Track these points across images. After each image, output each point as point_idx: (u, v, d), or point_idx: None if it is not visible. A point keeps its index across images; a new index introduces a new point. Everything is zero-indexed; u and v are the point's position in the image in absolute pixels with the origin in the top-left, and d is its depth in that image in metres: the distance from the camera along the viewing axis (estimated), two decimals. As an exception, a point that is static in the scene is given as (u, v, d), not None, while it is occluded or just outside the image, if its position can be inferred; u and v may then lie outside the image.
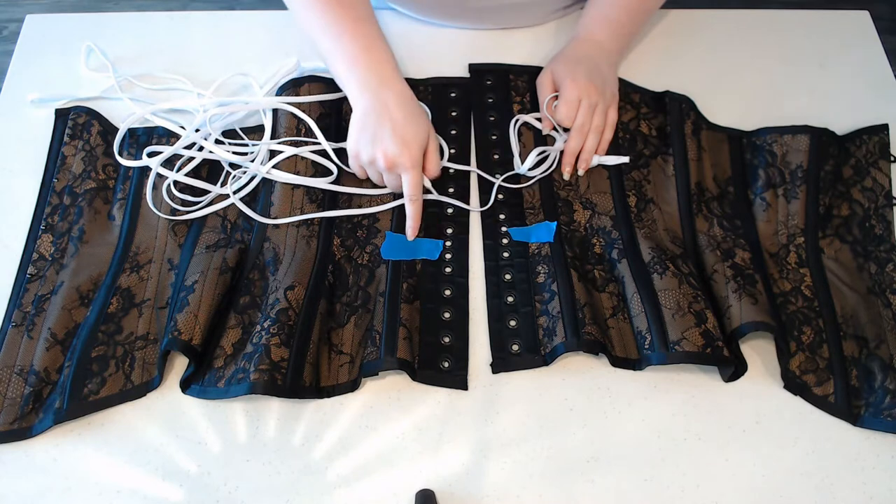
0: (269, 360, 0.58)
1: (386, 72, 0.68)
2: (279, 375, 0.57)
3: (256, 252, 0.66)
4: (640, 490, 0.56)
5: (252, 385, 0.57)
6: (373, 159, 0.66)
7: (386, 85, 0.67)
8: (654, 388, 0.61)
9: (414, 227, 0.66)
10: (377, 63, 0.68)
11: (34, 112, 0.75)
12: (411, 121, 0.66)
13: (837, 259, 0.67)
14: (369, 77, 0.67)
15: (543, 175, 0.71)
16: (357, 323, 0.62)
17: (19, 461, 0.57)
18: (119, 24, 0.82)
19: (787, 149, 0.71)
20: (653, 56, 0.81)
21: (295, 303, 0.61)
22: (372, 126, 0.65)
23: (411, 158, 0.65)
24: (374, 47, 0.68)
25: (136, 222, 0.68)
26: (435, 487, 0.56)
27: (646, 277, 0.63)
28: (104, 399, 0.58)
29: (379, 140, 0.65)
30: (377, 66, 0.68)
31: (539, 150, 0.71)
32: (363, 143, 0.66)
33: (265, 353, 0.58)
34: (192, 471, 0.57)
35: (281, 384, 0.57)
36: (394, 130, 0.65)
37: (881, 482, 0.57)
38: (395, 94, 0.67)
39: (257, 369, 0.57)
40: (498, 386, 0.61)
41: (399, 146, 0.64)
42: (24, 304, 0.62)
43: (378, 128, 0.65)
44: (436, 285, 0.65)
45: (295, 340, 0.59)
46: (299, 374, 0.58)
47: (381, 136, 0.65)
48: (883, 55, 0.81)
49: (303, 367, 0.59)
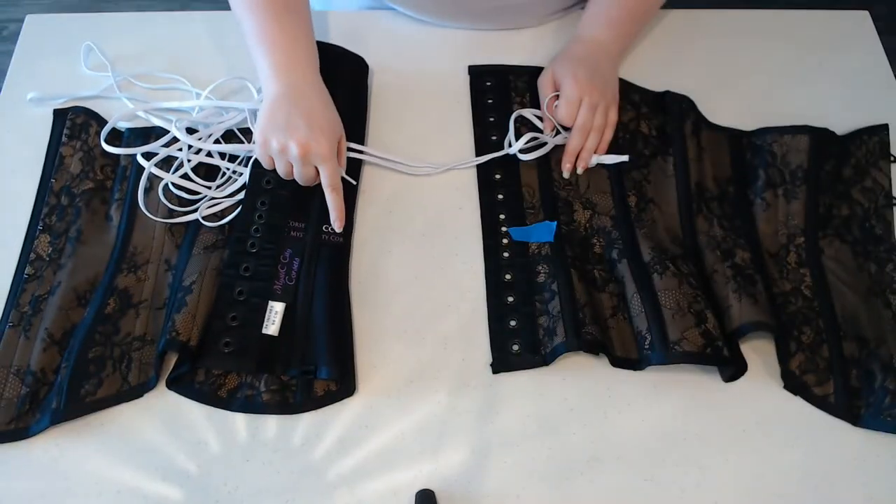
0: (280, 381, 0.60)
1: (303, 61, 0.66)
2: (290, 395, 0.59)
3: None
4: (640, 490, 0.56)
5: (265, 406, 0.59)
6: (284, 147, 0.61)
7: (301, 74, 0.65)
8: (654, 388, 0.61)
9: (341, 218, 0.64)
10: (296, 52, 0.66)
11: (34, 112, 0.75)
12: (326, 110, 0.64)
13: (837, 259, 0.67)
14: (286, 63, 0.65)
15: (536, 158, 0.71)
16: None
17: (19, 461, 0.56)
18: (119, 24, 0.82)
19: (787, 149, 0.71)
20: (653, 56, 0.81)
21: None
22: (285, 113, 0.62)
23: (327, 146, 0.61)
24: (298, 37, 0.66)
25: (133, 223, 0.67)
26: (435, 487, 0.56)
27: (646, 277, 0.63)
28: (101, 400, 0.58)
29: (292, 127, 0.61)
30: (296, 54, 0.66)
31: (531, 136, 0.71)
32: (273, 130, 0.62)
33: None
34: (192, 471, 0.56)
35: (293, 403, 0.59)
36: (309, 118, 0.62)
37: (881, 482, 0.57)
38: (311, 84, 0.65)
39: (269, 390, 0.59)
40: (498, 386, 0.61)
41: (314, 134, 0.61)
42: (22, 304, 0.62)
43: (291, 115, 0.62)
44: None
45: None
46: (310, 386, 0.60)
47: (295, 123, 0.61)
48: (883, 55, 0.81)
49: (312, 381, 0.60)
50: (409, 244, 0.68)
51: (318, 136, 0.61)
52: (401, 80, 0.78)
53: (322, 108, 0.64)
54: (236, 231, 0.65)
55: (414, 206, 0.70)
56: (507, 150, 0.71)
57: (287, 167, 0.64)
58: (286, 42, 0.66)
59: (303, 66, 0.66)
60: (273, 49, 0.65)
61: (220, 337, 0.60)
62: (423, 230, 0.69)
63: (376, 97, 0.77)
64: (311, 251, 0.64)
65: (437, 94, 0.77)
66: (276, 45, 0.65)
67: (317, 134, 0.61)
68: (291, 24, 0.66)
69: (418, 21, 0.83)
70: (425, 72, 0.79)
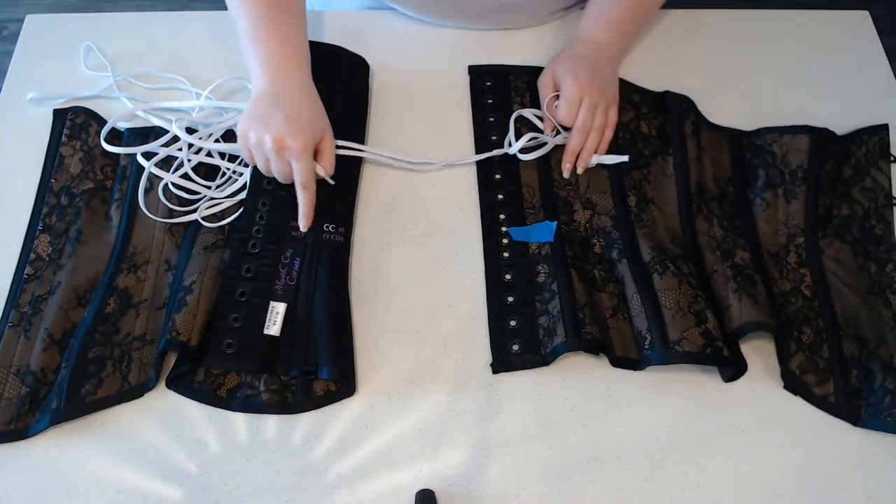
0: (280, 380, 0.60)
1: (293, 60, 0.66)
2: (290, 395, 0.59)
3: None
4: (640, 490, 0.56)
5: (264, 405, 0.59)
6: (260, 140, 0.62)
7: (289, 72, 0.66)
8: (654, 388, 0.61)
9: (307, 216, 0.64)
10: (286, 51, 0.66)
11: (34, 112, 0.75)
12: (308, 107, 0.65)
13: (837, 259, 0.67)
14: (275, 61, 0.66)
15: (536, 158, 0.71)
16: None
17: (19, 461, 0.56)
18: (118, 24, 0.82)
19: (787, 149, 0.71)
20: (653, 56, 0.81)
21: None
22: (265, 108, 0.63)
23: (303, 142, 0.62)
24: (290, 36, 0.67)
25: (133, 223, 0.67)
26: (435, 487, 0.56)
27: (646, 277, 0.63)
28: (101, 400, 0.58)
29: (271, 121, 0.62)
30: (285, 53, 0.66)
31: (531, 136, 0.71)
32: (252, 124, 0.63)
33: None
34: (191, 471, 0.56)
35: (292, 402, 0.59)
36: (288, 114, 0.63)
37: (881, 482, 0.57)
38: (297, 81, 0.66)
39: (268, 389, 0.59)
40: (498, 386, 0.61)
41: (290, 128, 0.62)
42: (22, 304, 0.62)
43: (272, 110, 0.63)
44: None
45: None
46: (309, 386, 0.60)
47: (274, 117, 0.62)
48: (883, 55, 0.82)
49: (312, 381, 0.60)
50: (409, 244, 0.68)
51: (294, 131, 0.62)
52: (401, 80, 0.78)
53: (305, 105, 0.65)
54: (237, 232, 0.65)
55: (414, 206, 0.70)
56: (507, 149, 0.71)
57: (265, 162, 0.65)
58: (277, 41, 0.66)
59: (292, 65, 0.66)
60: (264, 48, 0.66)
61: (222, 338, 0.60)
62: (423, 230, 0.69)
63: (376, 97, 0.77)
64: (311, 251, 0.64)
65: (437, 94, 0.77)
66: (267, 43, 0.66)
67: (293, 129, 0.62)
68: (283, 23, 0.67)
69: (418, 21, 0.83)
70: (425, 72, 0.79)
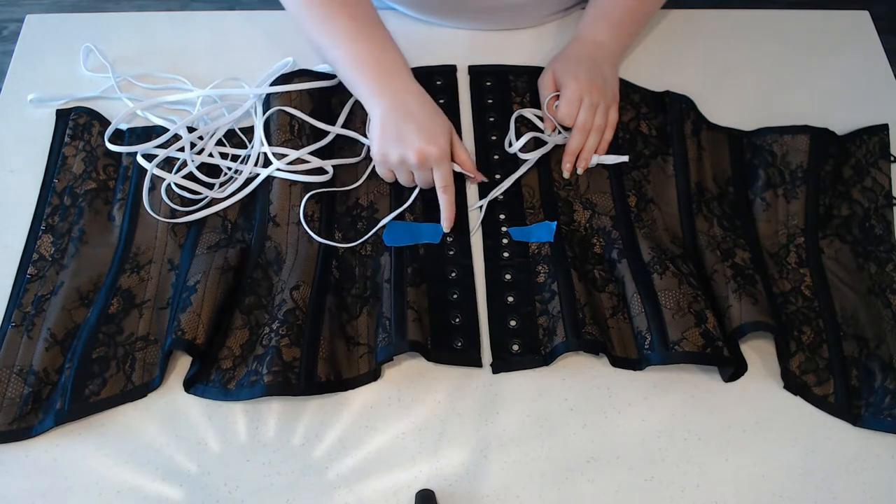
0: (282, 362, 0.58)
1: (400, 73, 0.68)
2: (293, 376, 0.58)
3: (258, 251, 0.66)
4: (640, 490, 0.56)
5: (267, 387, 0.57)
6: (403, 159, 0.65)
7: (402, 85, 0.67)
8: (654, 388, 0.61)
9: (449, 217, 0.67)
10: (390, 65, 0.68)
11: (34, 112, 0.75)
12: (434, 115, 0.67)
13: (837, 259, 0.67)
14: (384, 79, 0.67)
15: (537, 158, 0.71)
16: (370, 313, 0.63)
17: (19, 461, 0.57)
18: (119, 25, 0.82)
19: (787, 149, 0.71)
20: (653, 56, 0.81)
21: (301, 302, 0.61)
22: (395, 126, 0.65)
23: (442, 151, 0.65)
24: (386, 50, 0.69)
25: (136, 223, 0.68)
26: (435, 487, 0.56)
27: (646, 277, 0.63)
28: (105, 400, 0.58)
29: (406, 138, 0.65)
30: (391, 67, 0.68)
31: (531, 136, 0.71)
32: (389, 145, 0.65)
33: (276, 355, 0.58)
34: (192, 471, 0.57)
35: (295, 384, 0.58)
36: (419, 127, 0.65)
37: (881, 482, 0.57)
38: (413, 93, 0.67)
39: (270, 371, 0.58)
40: (498, 386, 0.61)
41: (427, 139, 0.64)
42: (24, 304, 0.62)
43: (402, 127, 0.65)
44: (441, 268, 0.65)
45: (305, 339, 0.60)
46: (312, 371, 0.59)
47: (407, 134, 0.65)
48: (883, 55, 0.81)
49: (315, 364, 0.59)
50: (409, 244, 0.68)
51: (430, 141, 0.64)
52: (401, 81, 0.78)
53: (427, 111, 0.67)
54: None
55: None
56: (507, 149, 0.71)
57: (408, 176, 0.68)
58: (377, 60, 0.68)
59: (397, 75, 0.68)
60: (368, 70, 0.68)
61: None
62: (424, 230, 0.69)
63: (377, 97, 0.77)
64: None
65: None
66: (370, 65, 0.68)
67: (429, 140, 0.65)
68: (374, 38, 0.69)
69: (418, 21, 0.83)
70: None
